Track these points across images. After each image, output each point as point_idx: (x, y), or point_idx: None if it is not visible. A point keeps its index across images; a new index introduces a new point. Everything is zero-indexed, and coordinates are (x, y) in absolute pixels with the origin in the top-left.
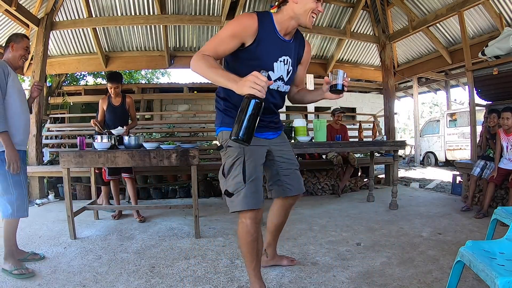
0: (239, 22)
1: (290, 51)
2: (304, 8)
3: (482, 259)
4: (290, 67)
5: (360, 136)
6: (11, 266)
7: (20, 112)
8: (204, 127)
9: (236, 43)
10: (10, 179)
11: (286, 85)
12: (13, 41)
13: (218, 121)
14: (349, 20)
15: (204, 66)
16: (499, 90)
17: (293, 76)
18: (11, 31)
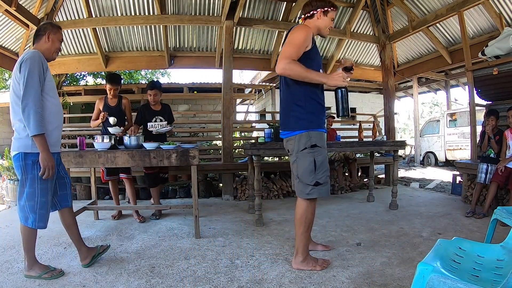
0: (307, 31)
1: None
2: (324, 24)
3: (446, 254)
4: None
5: (360, 136)
6: (38, 271)
7: (56, 111)
8: (204, 127)
9: (304, 48)
10: (38, 185)
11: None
12: (49, 30)
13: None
14: (349, 20)
15: (300, 69)
16: (499, 90)
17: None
18: (11, 31)
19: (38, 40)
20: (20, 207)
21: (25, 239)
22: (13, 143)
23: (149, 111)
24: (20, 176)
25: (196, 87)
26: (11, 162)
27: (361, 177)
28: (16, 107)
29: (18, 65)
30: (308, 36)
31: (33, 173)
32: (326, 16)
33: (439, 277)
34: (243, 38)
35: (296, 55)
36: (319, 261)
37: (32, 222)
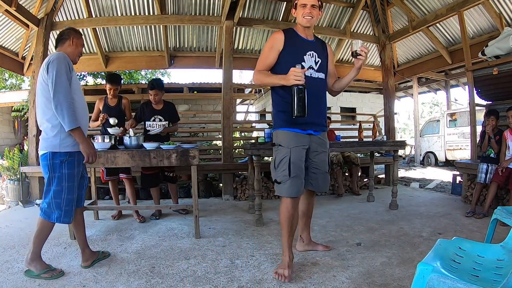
0: (271, 39)
1: (315, 47)
2: (298, 15)
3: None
4: (318, 59)
5: (360, 136)
6: (39, 268)
7: (82, 111)
8: (204, 127)
9: (275, 52)
10: (66, 184)
11: (318, 72)
12: (73, 35)
13: (274, 124)
14: (349, 20)
15: (262, 76)
16: (499, 90)
17: (323, 66)
18: (11, 31)
19: (61, 44)
20: (46, 203)
21: (39, 231)
22: (40, 143)
23: (149, 109)
24: (47, 174)
25: (196, 87)
26: (11, 162)
27: (361, 177)
28: (45, 108)
29: (45, 66)
30: (272, 42)
31: (60, 172)
32: (296, 9)
33: (439, 277)
34: (243, 38)
35: (263, 64)
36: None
37: (57, 217)
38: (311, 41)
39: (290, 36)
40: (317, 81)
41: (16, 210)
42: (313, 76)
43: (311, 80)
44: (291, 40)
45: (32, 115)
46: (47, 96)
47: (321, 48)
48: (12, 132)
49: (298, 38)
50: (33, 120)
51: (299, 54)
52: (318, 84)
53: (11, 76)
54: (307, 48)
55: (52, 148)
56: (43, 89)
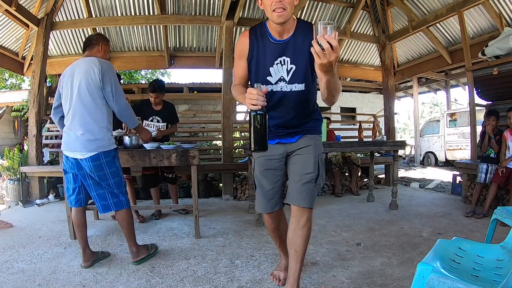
0: (237, 45)
1: (288, 49)
2: (265, 8)
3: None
4: (291, 65)
5: (360, 136)
6: (145, 252)
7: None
8: (204, 127)
9: (243, 62)
10: (121, 173)
11: (291, 84)
12: (102, 41)
13: None
14: (349, 20)
15: (235, 93)
16: (499, 90)
17: (299, 73)
18: (11, 31)
19: (90, 48)
20: (113, 195)
21: (127, 223)
22: (84, 145)
23: (148, 109)
24: (99, 172)
25: (196, 87)
26: (11, 162)
27: (361, 177)
28: (93, 109)
29: (97, 71)
30: (238, 48)
31: (115, 166)
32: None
33: (439, 277)
34: None
35: (236, 77)
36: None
37: (126, 202)
38: (284, 42)
39: (256, 38)
40: (291, 95)
41: (16, 210)
42: (284, 90)
43: (281, 96)
44: (256, 45)
45: (32, 115)
46: (96, 98)
47: (300, 46)
48: (12, 132)
49: (266, 40)
50: (33, 120)
51: (265, 64)
52: (292, 98)
53: (11, 76)
54: (275, 53)
55: (103, 149)
56: (92, 92)
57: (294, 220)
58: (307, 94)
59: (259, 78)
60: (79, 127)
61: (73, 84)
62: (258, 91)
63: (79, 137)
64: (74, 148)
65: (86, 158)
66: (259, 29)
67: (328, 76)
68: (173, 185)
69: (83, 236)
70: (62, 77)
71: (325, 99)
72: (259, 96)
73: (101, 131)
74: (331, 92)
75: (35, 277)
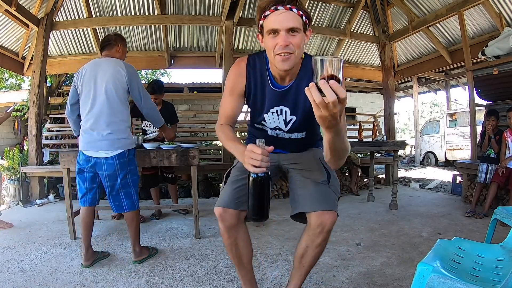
0: (230, 76)
1: (288, 98)
2: (267, 50)
3: (445, 254)
4: (290, 116)
5: (360, 136)
6: (146, 252)
7: None
8: (204, 127)
9: (237, 98)
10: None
11: (290, 133)
12: (120, 42)
13: None
14: (349, 20)
15: (222, 139)
16: (499, 90)
17: (299, 124)
18: (11, 31)
19: (109, 48)
20: (128, 195)
21: (136, 223)
22: (112, 143)
23: None
24: (122, 170)
25: (196, 87)
26: (11, 162)
27: (361, 177)
28: (120, 108)
29: (124, 73)
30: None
31: (135, 164)
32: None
33: (439, 277)
34: (243, 38)
35: (225, 116)
36: None
37: (138, 203)
38: (284, 89)
39: (255, 75)
40: (289, 140)
41: (16, 210)
42: (281, 136)
43: (277, 140)
44: (254, 83)
45: (32, 115)
46: (122, 99)
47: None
48: (12, 132)
49: (265, 82)
50: (33, 120)
51: (261, 109)
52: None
53: (11, 76)
54: (272, 101)
55: (127, 147)
56: (119, 93)
57: (308, 236)
58: (311, 137)
59: (253, 119)
60: (106, 127)
61: (97, 84)
62: (263, 150)
63: (106, 136)
64: (100, 147)
65: (112, 156)
66: (258, 64)
67: (330, 133)
68: (173, 185)
69: (88, 235)
70: (80, 75)
71: (328, 161)
72: (264, 156)
73: (127, 130)
74: (336, 152)
75: (35, 277)
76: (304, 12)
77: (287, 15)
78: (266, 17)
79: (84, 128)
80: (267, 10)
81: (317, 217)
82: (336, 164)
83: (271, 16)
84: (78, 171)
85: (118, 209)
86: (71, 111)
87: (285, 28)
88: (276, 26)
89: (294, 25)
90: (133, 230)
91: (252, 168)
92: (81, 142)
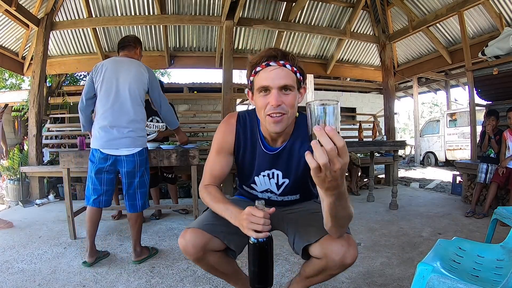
0: (218, 133)
1: (280, 161)
2: (258, 109)
3: (446, 254)
4: (283, 180)
5: (360, 136)
6: (146, 252)
7: None
8: (204, 127)
9: (225, 157)
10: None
11: (282, 196)
12: (139, 45)
13: None
14: (349, 20)
15: (208, 201)
16: (499, 90)
17: (292, 187)
18: (11, 31)
19: (129, 49)
20: (143, 195)
21: (139, 224)
22: (133, 141)
23: (148, 109)
24: (141, 167)
25: (196, 87)
26: (11, 162)
27: (361, 177)
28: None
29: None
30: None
31: (148, 163)
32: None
33: (439, 277)
34: (243, 38)
35: (210, 176)
36: None
37: (148, 204)
38: (276, 151)
39: (245, 134)
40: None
41: (16, 210)
42: (273, 199)
43: (268, 202)
44: (244, 143)
45: (32, 115)
46: (142, 100)
47: (297, 154)
48: (12, 132)
49: (256, 143)
50: (33, 120)
51: (250, 171)
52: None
53: (11, 76)
54: (263, 164)
55: (145, 145)
56: (140, 93)
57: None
58: (305, 198)
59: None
60: (127, 124)
61: (119, 82)
62: (265, 213)
63: (127, 133)
64: (120, 145)
65: (133, 154)
66: (249, 122)
67: (331, 196)
68: (173, 185)
69: (94, 232)
70: (101, 70)
71: (329, 230)
72: (266, 220)
73: (143, 130)
74: (337, 219)
75: (35, 277)
76: (298, 68)
77: (279, 72)
78: (257, 73)
79: (101, 125)
80: (258, 65)
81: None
82: (339, 232)
83: (262, 72)
84: (96, 171)
85: (131, 208)
86: (86, 105)
87: (277, 86)
88: (267, 84)
89: (287, 82)
90: (136, 230)
91: (254, 233)
92: (98, 140)
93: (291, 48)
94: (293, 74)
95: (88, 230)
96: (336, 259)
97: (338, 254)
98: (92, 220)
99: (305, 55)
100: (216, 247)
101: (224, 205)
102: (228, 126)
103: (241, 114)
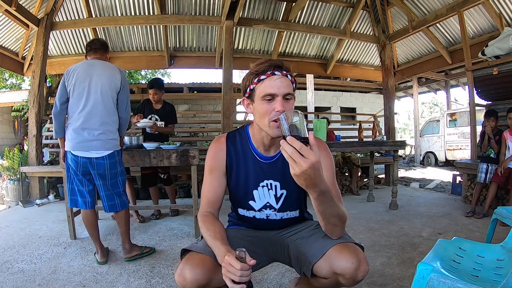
0: (208, 154)
1: (277, 170)
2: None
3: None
4: (281, 191)
5: (360, 136)
6: (138, 250)
7: None
8: (204, 127)
9: (218, 177)
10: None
11: (282, 212)
12: (108, 51)
13: None
14: (349, 20)
15: (203, 232)
16: (499, 90)
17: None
18: (11, 31)
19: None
20: (121, 196)
21: (126, 221)
22: (103, 143)
23: (148, 107)
24: (112, 170)
25: (196, 87)
26: (11, 162)
27: (361, 177)
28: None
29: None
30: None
31: (122, 164)
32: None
33: (439, 277)
34: (243, 38)
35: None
36: None
37: (127, 202)
38: (272, 160)
39: (236, 149)
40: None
41: (16, 210)
42: (272, 218)
43: (265, 222)
44: (236, 158)
45: (32, 115)
46: (114, 102)
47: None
48: (12, 132)
49: (249, 154)
50: (33, 120)
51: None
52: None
53: (11, 76)
54: (260, 174)
55: (116, 148)
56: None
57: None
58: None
59: (238, 203)
60: (99, 127)
61: (92, 84)
62: (243, 265)
63: (98, 136)
64: (91, 147)
65: (103, 157)
66: (239, 138)
67: (314, 193)
68: (168, 186)
69: (97, 234)
70: (73, 74)
71: (325, 230)
72: (243, 272)
73: (116, 132)
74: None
75: (35, 277)
76: (294, 79)
77: (284, 81)
78: (261, 81)
79: (73, 127)
80: (263, 74)
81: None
82: (334, 232)
83: (267, 80)
84: (75, 174)
85: (111, 208)
86: (59, 110)
87: (282, 94)
88: (273, 91)
89: (290, 91)
90: (124, 227)
91: (231, 283)
92: (69, 142)
93: (291, 48)
94: (291, 84)
95: (89, 233)
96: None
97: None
98: (89, 222)
99: (305, 55)
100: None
101: (215, 242)
102: (218, 144)
103: (230, 133)
